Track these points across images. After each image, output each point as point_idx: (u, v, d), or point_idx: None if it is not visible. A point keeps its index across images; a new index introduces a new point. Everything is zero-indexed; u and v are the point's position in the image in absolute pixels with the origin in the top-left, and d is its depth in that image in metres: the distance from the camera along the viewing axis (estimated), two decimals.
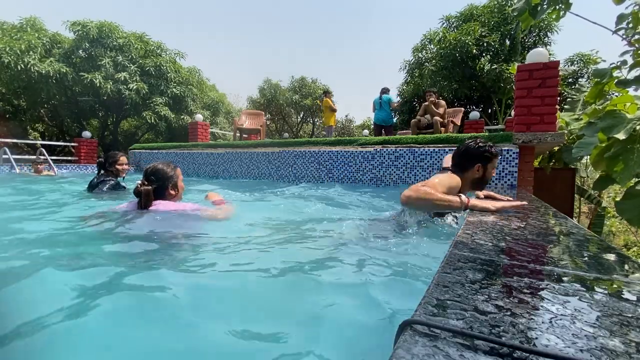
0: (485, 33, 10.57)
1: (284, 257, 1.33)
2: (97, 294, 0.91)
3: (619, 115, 1.95)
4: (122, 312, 0.83)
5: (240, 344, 0.72)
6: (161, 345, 0.71)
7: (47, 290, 0.95)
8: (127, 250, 1.33)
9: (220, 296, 0.94)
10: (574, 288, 0.55)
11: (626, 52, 2.26)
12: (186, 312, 0.85)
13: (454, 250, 0.74)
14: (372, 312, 0.88)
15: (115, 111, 11.49)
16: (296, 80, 18.64)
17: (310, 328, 0.79)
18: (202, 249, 1.39)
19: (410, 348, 0.34)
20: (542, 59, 3.30)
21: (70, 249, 1.35)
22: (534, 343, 0.36)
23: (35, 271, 1.02)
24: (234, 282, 1.05)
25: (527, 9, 2.11)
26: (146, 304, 0.88)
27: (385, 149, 3.99)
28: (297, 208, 2.53)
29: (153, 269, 1.11)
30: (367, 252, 1.37)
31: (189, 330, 0.76)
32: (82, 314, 0.80)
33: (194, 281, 1.03)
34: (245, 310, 0.87)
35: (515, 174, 3.35)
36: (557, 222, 1.25)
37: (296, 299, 0.94)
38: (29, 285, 0.96)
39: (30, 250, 1.33)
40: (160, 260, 1.22)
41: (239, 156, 5.27)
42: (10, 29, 9.25)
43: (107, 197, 2.92)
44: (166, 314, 0.83)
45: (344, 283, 1.05)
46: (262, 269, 1.17)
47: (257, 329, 0.78)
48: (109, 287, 0.95)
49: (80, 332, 0.74)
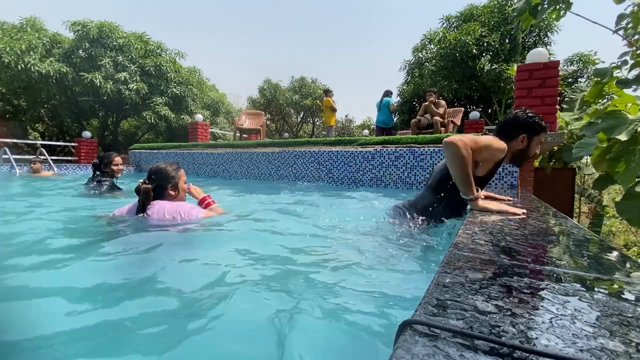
0: (485, 33, 10.57)
1: (283, 257, 1.33)
2: (87, 296, 0.91)
3: (621, 116, 1.95)
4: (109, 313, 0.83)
5: (240, 343, 0.72)
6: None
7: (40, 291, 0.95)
8: (113, 255, 1.30)
9: (215, 298, 0.94)
10: (574, 288, 0.55)
11: (626, 53, 2.26)
12: (183, 313, 0.85)
13: (454, 250, 0.74)
14: (372, 312, 0.88)
15: (115, 111, 11.50)
16: (296, 80, 18.64)
17: (310, 328, 0.79)
18: (187, 259, 1.35)
19: (410, 348, 0.34)
20: (542, 59, 3.30)
21: (62, 252, 1.34)
22: (534, 343, 0.36)
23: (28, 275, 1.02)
24: (228, 285, 1.05)
25: (527, 8, 2.11)
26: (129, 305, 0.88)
27: (385, 149, 3.99)
28: (296, 208, 2.53)
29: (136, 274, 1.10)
30: (367, 252, 1.37)
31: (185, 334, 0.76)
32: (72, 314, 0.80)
33: (186, 283, 1.03)
34: (244, 310, 0.86)
35: (515, 174, 3.35)
36: (557, 222, 1.25)
37: (296, 299, 0.93)
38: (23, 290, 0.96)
39: (22, 252, 1.33)
40: (146, 266, 1.21)
41: (239, 156, 5.27)
42: (11, 29, 9.25)
43: (106, 196, 2.92)
44: (160, 320, 0.83)
45: (343, 283, 1.05)
46: (262, 269, 1.17)
47: (257, 328, 0.78)
48: (97, 293, 0.95)
49: (70, 332, 0.74)
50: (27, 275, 1.07)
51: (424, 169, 3.75)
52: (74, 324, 0.77)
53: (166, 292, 0.97)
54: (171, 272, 1.11)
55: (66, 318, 0.79)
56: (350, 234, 1.76)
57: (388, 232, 1.73)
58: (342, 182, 4.27)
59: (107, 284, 1.00)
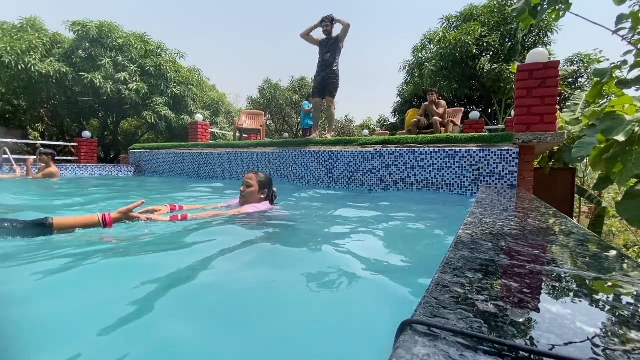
0: (485, 33, 10.57)
1: (282, 257, 1.33)
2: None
3: (618, 117, 1.95)
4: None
5: (239, 344, 0.72)
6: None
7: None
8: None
9: (212, 296, 0.94)
10: (574, 288, 0.55)
11: (627, 53, 2.26)
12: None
13: (454, 250, 0.74)
14: (372, 312, 0.88)
15: (115, 111, 11.49)
16: (296, 80, 18.64)
17: (310, 328, 0.79)
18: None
19: (410, 348, 0.34)
20: (542, 59, 3.30)
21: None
22: (534, 343, 0.36)
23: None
24: (230, 280, 1.05)
25: (526, 9, 2.11)
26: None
27: (385, 149, 3.99)
28: (296, 208, 2.53)
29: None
30: (367, 252, 1.37)
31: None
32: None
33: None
34: (244, 310, 0.86)
35: (515, 174, 3.35)
36: (557, 222, 1.25)
37: (296, 299, 0.94)
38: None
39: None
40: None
41: (239, 156, 5.27)
42: (11, 29, 9.24)
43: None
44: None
45: (344, 283, 1.05)
46: (261, 270, 1.17)
47: (257, 328, 0.78)
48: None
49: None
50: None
51: (424, 169, 3.75)
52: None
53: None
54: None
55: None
56: (350, 233, 1.76)
57: (387, 232, 1.74)
58: (342, 182, 4.27)
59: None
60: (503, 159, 3.40)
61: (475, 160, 3.50)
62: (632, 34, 2.28)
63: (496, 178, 3.43)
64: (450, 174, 3.62)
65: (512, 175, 3.36)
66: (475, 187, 3.48)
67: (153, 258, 1.22)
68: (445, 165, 3.65)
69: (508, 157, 3.38)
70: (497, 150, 3.42)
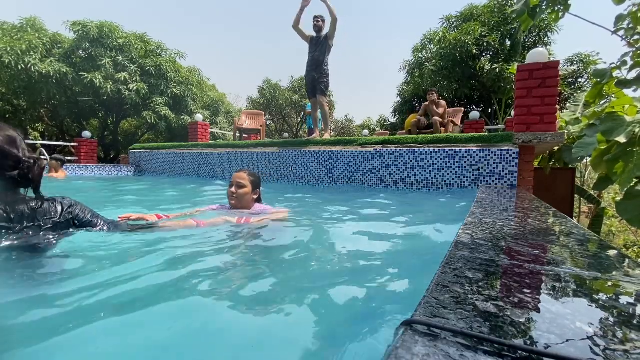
0: (485, 33, 10.57)
1: (281, 257, 1.33)
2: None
3: (619, 118, 1.95)
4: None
5: (239, 344, 0.72)
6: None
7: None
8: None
9: (213, 297, 0.94)
10: (574, 288, 0.55)
11: (627, 54, 2.26)
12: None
13: (454, 250, 0.74)
14: (372, 311, 0.88)
15: (115, 111, 11.49)
16: (296, 80, 18.64)
17: (310, 328, 0.79)
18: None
19: (410, 348, 0.34)
20: (542, 59, 3.30)
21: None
22: (534, 343, 0.36)
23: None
24: (229, 286, 1.05)
25: (526, 10, 2.11)
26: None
27: (385, 149, 3.99)
28: (295, 208, 2.53)
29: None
30: (367, 252, 1.37)
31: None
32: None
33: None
34: (244, 310, 0.87)
35: (515, 174, 3.35)
36: (557, 222, 1.25)
37: (295, 299, 0.94)
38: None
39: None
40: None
41: (239, 156, 5.27)
42: (11, 29, 9.24)
43: None
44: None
45: (344, 283, 1.05)
46: (261, 269, 1.17)
47: (256, 328, 0.78)
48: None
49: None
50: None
51: (424, 168, 3.75)
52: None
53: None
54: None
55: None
56: (350, 233, 1.76)
57: (387, 232, 1.74)
58: (342, 182, 4.27)
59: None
60: (503, 159, 3.40)
61: (475, 160, 3.50)
62: (631, 34, 2.28)
63: (496, 178, 3.43)
64: (450, 174, 3.62)
65: (512, 175, 3.37)
66: (475, 186, 3.48)
67: (157, 266, 1.22)
68: (445, 165, 3.65)
69: (508, 157, 3.39)
70: (497, 150, 3.42)
